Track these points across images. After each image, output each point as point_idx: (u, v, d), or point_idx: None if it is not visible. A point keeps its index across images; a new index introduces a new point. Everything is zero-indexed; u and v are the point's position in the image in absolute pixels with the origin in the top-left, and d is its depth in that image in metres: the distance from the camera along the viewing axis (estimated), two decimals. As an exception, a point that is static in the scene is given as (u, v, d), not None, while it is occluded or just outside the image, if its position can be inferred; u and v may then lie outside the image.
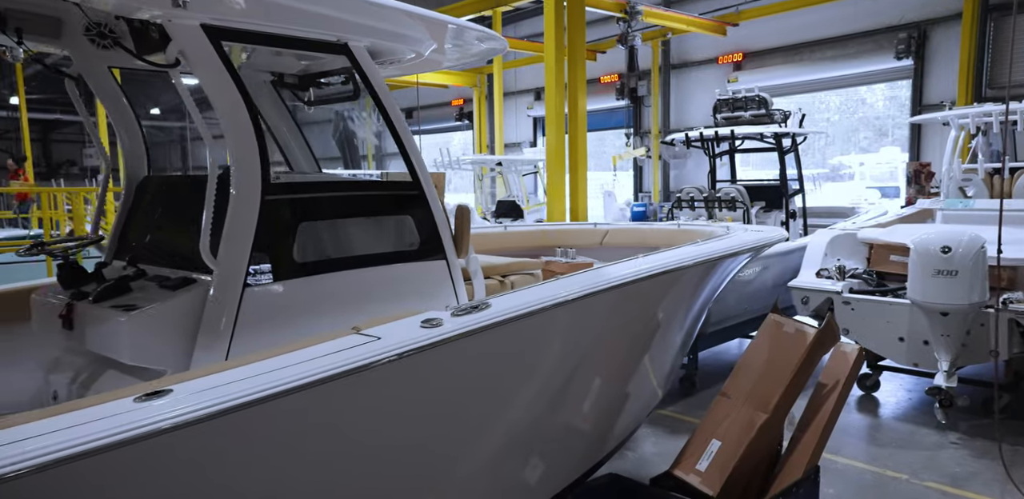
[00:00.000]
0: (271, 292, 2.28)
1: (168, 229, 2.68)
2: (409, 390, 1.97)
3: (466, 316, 2.04)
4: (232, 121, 2.22)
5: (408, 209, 2.72)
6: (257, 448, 1.65)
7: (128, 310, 2.13)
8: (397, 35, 2.66)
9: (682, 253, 2.96)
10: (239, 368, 1.64)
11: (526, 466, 2.70)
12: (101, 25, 2.53)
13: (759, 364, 3.27)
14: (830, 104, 16.81)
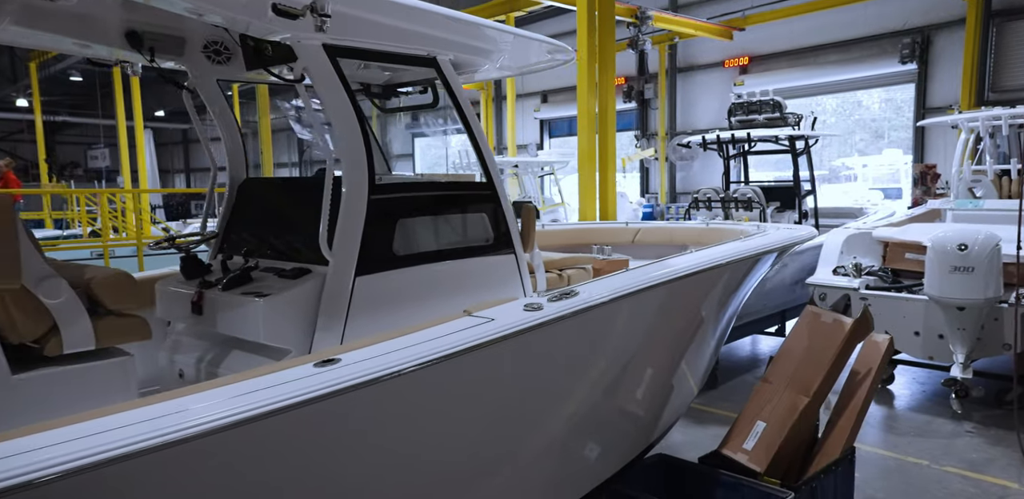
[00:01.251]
0: (376, 281, 2.52)
1: (276, 226, 2.92)
2: (511, 368, 2.22)
3: (560, 302, 2.28)
4: (345, 129, 2.46)
5: (484, 207, 2.96)
6: (408, 412, 1.89)
7: (260, 296, 2.37)
8: (477, 48, 2.91)
9: (734, 247, 3.20)
10: (386, 342, 1.88)
11: (591, 445, 2.94)
12: (217, 43, 2.79)
13: (799, 352, 3.52)
14: (827, 107, 17.09)
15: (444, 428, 2.08)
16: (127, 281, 2.12)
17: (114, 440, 1.30)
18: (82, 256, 9.39)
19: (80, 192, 12.13)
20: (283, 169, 33.19)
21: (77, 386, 1.91)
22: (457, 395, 2.06)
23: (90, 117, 31.90)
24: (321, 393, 1.59)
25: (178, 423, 1.38)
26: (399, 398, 1.85)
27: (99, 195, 11.41)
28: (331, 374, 1.69)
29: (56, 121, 32.00)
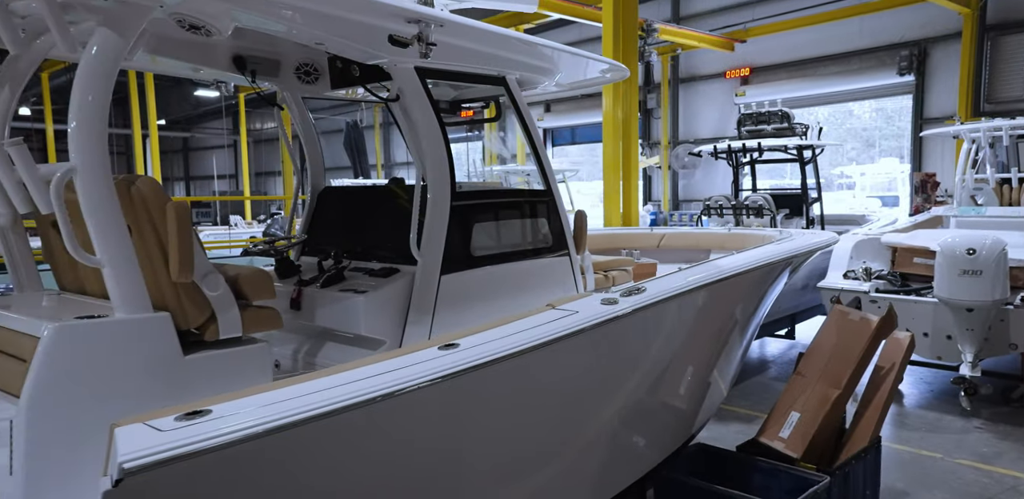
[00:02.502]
0: (457, 279, 2.77)
1: (360, 230, 3.17)
2: (589, 357, 2.47)
3: (633, 297, 2.54)
4: (431, 142, 2.72)
5: (543, 213, 3.23)
6: (509, 394, 2.14)
7: (358, 293, 2.62)
8: (540, 68, 3.18)
9: (777, 249, 3.48)
10: (492, 330, 2.13)
11: (643, 434, 3.19)
12: (308, 65, 3.07)
13: (828, 347, 3.78)
14: (819, 116, 17.51)
15: (533, 410, 2.33)
16: (266, 277, 2.36)
17: (317, 401, 1.58)
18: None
19: None
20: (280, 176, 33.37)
21: (229, 366, 2.15)
22: (548, 380, 2.31)
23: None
24: (451, 371, 1.83)
25: (361, 390, 1.64)
26: (504, 380, 2.10)
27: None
28: (456, 356, 1.94)
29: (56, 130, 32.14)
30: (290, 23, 2.25)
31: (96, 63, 1.96)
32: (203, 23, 2.13)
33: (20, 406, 1.81)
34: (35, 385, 1.81)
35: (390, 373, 1.78)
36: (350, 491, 1.80)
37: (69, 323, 1.90)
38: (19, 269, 2.50)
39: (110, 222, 1.96)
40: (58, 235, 2.43)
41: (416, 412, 1.86)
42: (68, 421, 1.84)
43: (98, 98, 1.97)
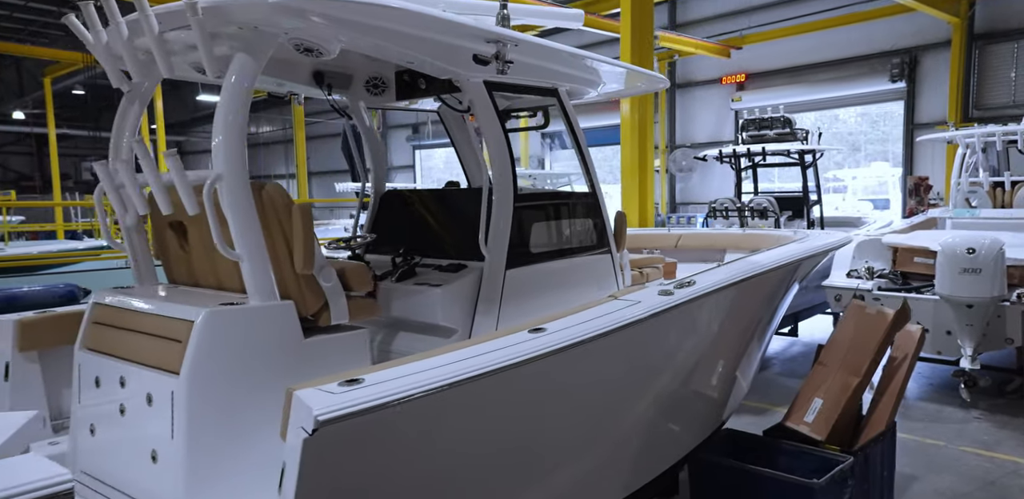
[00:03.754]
0: (519, 274, 3.02)
1: (424, 229, 3.42)
2: (650, 344, 2.74)
3: (686, 288, 2.81)
4: (497, 149, 2.98)
5: (589, 214, 3.49)
6: (585, 375, 2.40)
7: (434, 286, 2.87)
8: (589, 80, 3.45)
9: (804, 246, 3.76)
10: (571, 317, 2.39)
11: (683, 419, 3.46)
12: (377, 78, 3.32)
13: (847, 339, 4.07)
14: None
15: (603, 391, 2.59)
16: (366, 270, 2.61)
17: (450, 372, 1.85)
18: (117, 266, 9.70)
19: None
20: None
21: (337, 349, 2.40)
22: (617, 363, 2.57)
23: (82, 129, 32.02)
24: (546, 351, 2.10)
25: (482, 364, 1.90)
26: (583, 362, 2.36)
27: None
28: (545, 339, 2.20)
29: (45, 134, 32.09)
30: (389, 45, 2.51)
31: (236, 84, 2.21)
32: (316, 46, 2.38)
33: (180, 380, 2.06)
34: (192, 361, 2.06)
35: (499, 350, 2.04)
36: (465, 450, 2.07)
37: (217, 309, 2.15)
38: (140, 265, 2.74)
39: (248, 222, 2.21)
40: (174, 235, 2.68)
41: (514, 387, 2.11)
42: (218, 391, 2.11)
43: (238, 115, 2.22)
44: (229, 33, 2.29)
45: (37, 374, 2.71)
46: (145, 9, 2.22)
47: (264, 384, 2.16)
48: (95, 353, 2.47)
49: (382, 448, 1.79)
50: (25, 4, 16.68)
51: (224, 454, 2.11)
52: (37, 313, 2.82)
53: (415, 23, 2.36)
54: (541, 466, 2.44)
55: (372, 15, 2.26)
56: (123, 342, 2.37)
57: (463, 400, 1.95)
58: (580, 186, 3.40)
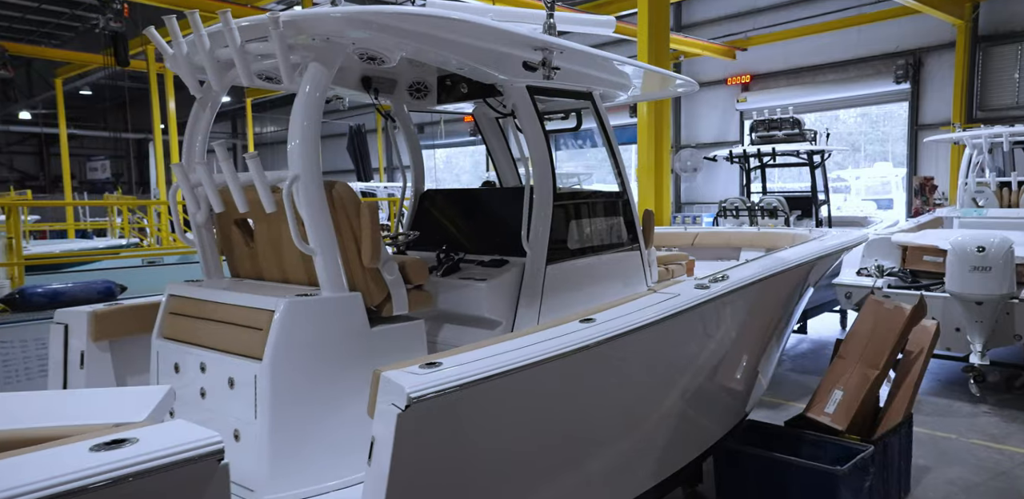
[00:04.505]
0: (558, 269, 3.17)
1: (467, 226, 3.57)
2: (688, 334, 2.89)
3: (720, 283, 2.96)
4: (538, 150, 3.13)
5: (620, 212, 3.64)
6: (630, 363, 2.55)
7: (480, 280, 3.01)
8: (621, 83, 3.60)
9: (824, 244, 3.92)
10: (616, 308, 2.54)
11: (712, 409, 3.61)
12: (420, 83, 3.47)
13: (866, 333, 4.22)
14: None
15: (644, 378, 2.74)
16: (424, 264, 2.76)
17: (518, 357, 2.00)
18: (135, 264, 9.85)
19: (149, 203, 12.65)
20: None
21: (400, 337, 2.55)
22: (658, 353, 2.72)
23: (88, 129, 32.15)
24: (602, 338, 2.25)
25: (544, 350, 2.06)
26: (629, 349, 2.51)
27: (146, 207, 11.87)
28: (596, 328, 2.35)
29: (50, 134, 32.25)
30: (447, 54, 2.66)
31: (310, 91, 2.37)
32: (379, 55, 2.53)
33: (263, 364, 2.22)
34: (273, 348, 2.22)
35: (556, 339, 2.19)
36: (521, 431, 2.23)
37: (295, 299, 2.30)
38: (208, 260, 2.90)
39: (322, 219, 2.37)
40: (239, 231, 2.83)
41: (569, 372, 2.27)
42: (296, 375, 2.27)
43: (313, 120, 2.37)
44: (303, 44, 2.44)
45: (108, 362, 2.87)
46: (229, 23, 2.37)
47: (335, 369, 2.32)
48: (173, 341, 2.62)
49: (458, 424, 1.94)
50: (38, 6, 16.82)
51: (302, 432, 2.26)
52: (107, 305, 2.96)
53: (474, 33, 2.51)
54: (582, 451, 2.59)
55: (435, 27, 2.42)
56: (202, 331, 2.52)
57: (524, 384, 2.10)
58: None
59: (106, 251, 10.52)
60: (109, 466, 1.26)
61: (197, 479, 1.39)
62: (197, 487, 1.40)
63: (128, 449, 1.33)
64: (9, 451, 1.32)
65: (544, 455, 2.39)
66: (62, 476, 1.21)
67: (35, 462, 1.28)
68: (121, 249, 10.39)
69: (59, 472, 1.22)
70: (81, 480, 1.22)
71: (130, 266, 9.26)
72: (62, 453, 1.32)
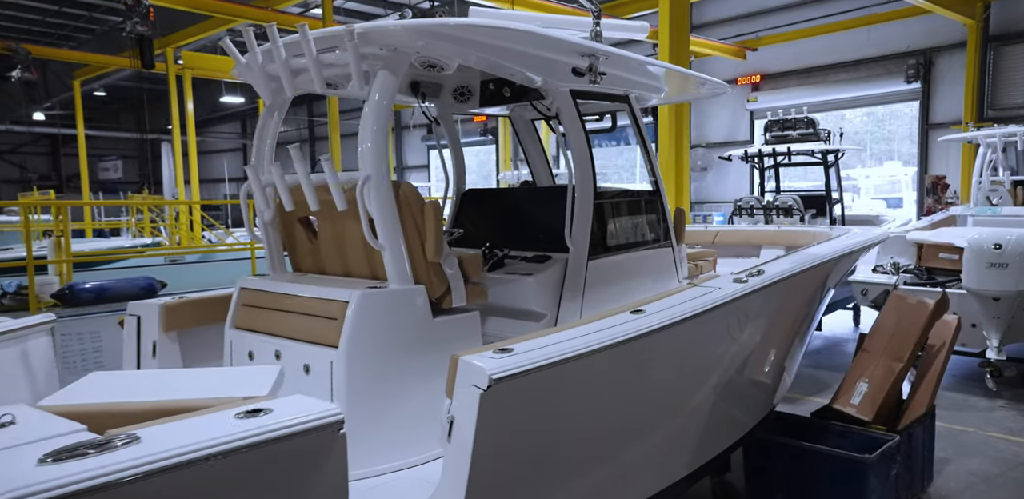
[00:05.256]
0: (599, 264, 3.31)
1: (508, 224, 3.72)
2: (726, 327, 3.02)
3: (756, 277, 3.10)
4: (579, 150, 3.27)
5: (654, 210, 3.78)
6: (681, 351, 2.69)
7: (526, 275, 3.16)
8: (655, 87, 3.74)
9: (850, 241, 4.05)
10: (663, 300, 2.68)
11: (744, 401, 3.74)
12: (464, 87, 3.62)
13: (889, 327, 4.35)
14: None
15: (688, 368, 2.88)
16: (480, 259, 2.91)
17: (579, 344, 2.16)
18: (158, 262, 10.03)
19: (171, 203, 12.85)
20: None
21: (458, 328, 2.71)
22: (702, 344, 2.86)
23: (100, 130, 32.43)
24: (657, 326, 2.40)
25: (604, 338, 2.22)
26: (677, 340, 2.65)
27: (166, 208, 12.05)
28: (648, 319, 2.49)
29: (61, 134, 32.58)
30: (502, 61, 2.82)
31: (379, 98, 2.53)
32: (439, 62, 2.69)
33: (339, 351, 2.38)
34: (348, 336, 2.38)
35: (612, 328, 2.34)
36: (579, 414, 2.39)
37: (367, 291, 2.46)
38: (274, 255, 3.06)
39: (390, 217, 2.52)
40: (303, 229, 2.99)
41: (623, 360, 2.41)
42: (368, 361, 2.44)
43: (382, 125, 2.53)
44: (376, 54, 2.60)
45: (177, 351, 3.03)
46: (306, 34, 2.52)
47: (402, 356, 2.49)
48: (246, 331, 2.78)
49: (527, 404, 2.10)
50: (59, 9, 17.05)
51: (374, 414, 2.43)
52: (176, 298, 3.13)
53: (531, 42, 2.66)
54: (628, 437, 2.73)
55: (496, 36, 2.57)
56: (276, 321, 2.68)
57: (585, 369, 2.25)
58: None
59: (143, 249, 10.69)
60: (253, 431, 1.43)
61: (322, 445, 1.55)
62: (322, 452, 1.55)
63: (266, 418, 1.50)
64: (166, 417, 1.49)
65: (596, 439, 2.53)
66: (219, 438, 1.38)
67: (193, 426, 1.45)
68: (147, 248, 10.57)
69: (216, 435, 1.39)
70: (234, 442, 1.39)
71: (153, 265, 9.43)
72: (213, 420, 1.49)
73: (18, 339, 2.50)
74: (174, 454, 1.30)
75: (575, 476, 2.45)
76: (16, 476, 1.17)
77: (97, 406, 1.70)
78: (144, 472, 1.24)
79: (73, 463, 1.24)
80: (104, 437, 1.35)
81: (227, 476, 1.38)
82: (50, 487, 1.15)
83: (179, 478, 1.29)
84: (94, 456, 1.26)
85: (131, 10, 9.63)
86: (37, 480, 1.16)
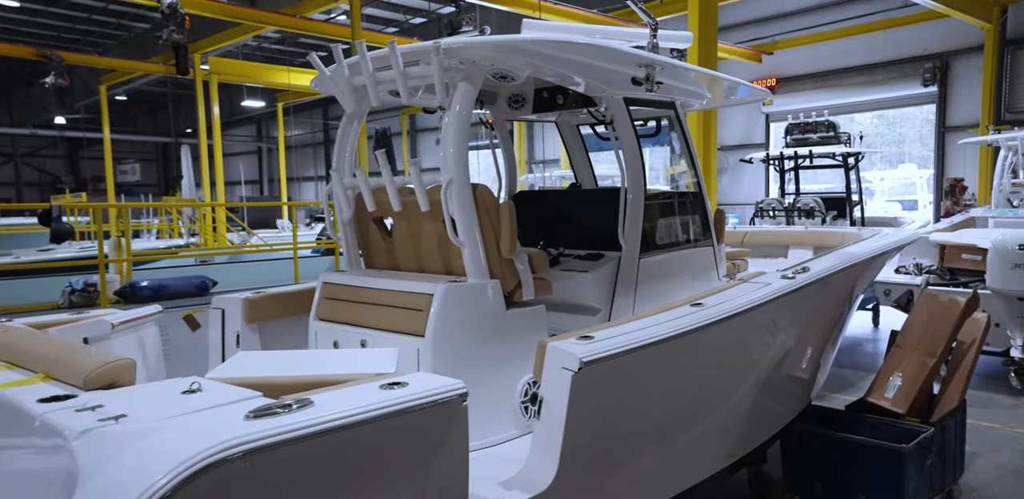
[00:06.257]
0: (649, 261, 3.50)
1: (561, 223, 3.91)
2: (776, 320, 3.20)
3: (803, 274, 3.28)
4: (632, 154, 3.46)
5: (697, 210, 3.97)
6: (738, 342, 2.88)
7: (582, 271, 3.36)
8: (699, 94, 3.93)
9: (885, 240, 4.23)
10: (717, 295, 2.87)
11: (784, 394, 3.91)
12: (518, 95, 3.83)
13: (922, 324, 4.51)
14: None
15: (742, 360, 3.07)
16: (546, 257, 3.11)
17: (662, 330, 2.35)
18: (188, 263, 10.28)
19: (206, 205, 13.15)
20: (310, 182, 34.17)
21: (528, 319, 2.91)
22: (754, 336, 3.05)
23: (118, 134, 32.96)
24: (722, 317, 2.59)
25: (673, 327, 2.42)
26: (734, 331, 2.84)
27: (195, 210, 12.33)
28: (708, 312, 2.68)
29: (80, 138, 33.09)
30: (569, 72, 3.02)
31: (460, 108, 2.74)
32: (511, 73, 2.89)
33: (425, 340, 2.59)
34: (434, 325, 2.59)
35: (677, 319, 2.54)
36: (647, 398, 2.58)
37: (450, 284, 2.67)
38: (351, 253, 3.27)
39: (469, 216, 2.72)
40: (377, 228, 3.19)
41: (683, 349, 2.61)
42: (451, 349, 2.66)
43: (463, 132, 2.74)
44: (456, 67, 2.81)
45: (257, 341, 3.24)
46: (395, 49, 2.73)
47: (479, 344, 2.71)
48: (331, 322, 2.99)
49: (606, 385, 2.30)
50: (88, 17, 17.43)
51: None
52: (256, 293, 3.34)
53: (598, 55, 2.86)
54: (681, 425, 2.91)
55: (569, 50, 2.78)
56: (360, 313, 2.89)
57: (654, 356, 2.44)
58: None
59: (193, 249, 10.93)
60: (398, 400, 1.67)
61: (451, 413, 1.78)
62: (449, 420, 1.79)
63: (405, 389, 1.73)
64: (318, 388, 1.72)
65: (658, 422, 2.72)
66: (375, 404, 1.63)
67: (348, 395, 1.69)
68: (180, 249, 10.84)
69: (370, 402, 1.62)
70: (387, 408, 1.64)
71: (183, 265, 9.68)
72: (362, 390, 1.73)
73: (134, 328, 2.73)
74: (344, 415, 1.55)
75: (638, 456, 2.64)
76: (234, 427, 1.43)
77: (256, 379, 1.92)
78: (327, 428, 1.50)
79: (273, 419, 1.49)
80: (286, 400, 1.58)
81: (379, 437, 1.63)
82: (265, 436, 1.41)
83: (349, 435, 1.55)
84: (286, 414, 1.52)
85: (168, 19, 9.92)
86: (252, 430, 1.42)
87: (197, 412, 1.53)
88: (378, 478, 1.64)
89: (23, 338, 2.15)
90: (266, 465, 1.40)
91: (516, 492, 2.08)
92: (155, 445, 1.35)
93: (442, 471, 1.78)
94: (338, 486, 1.56)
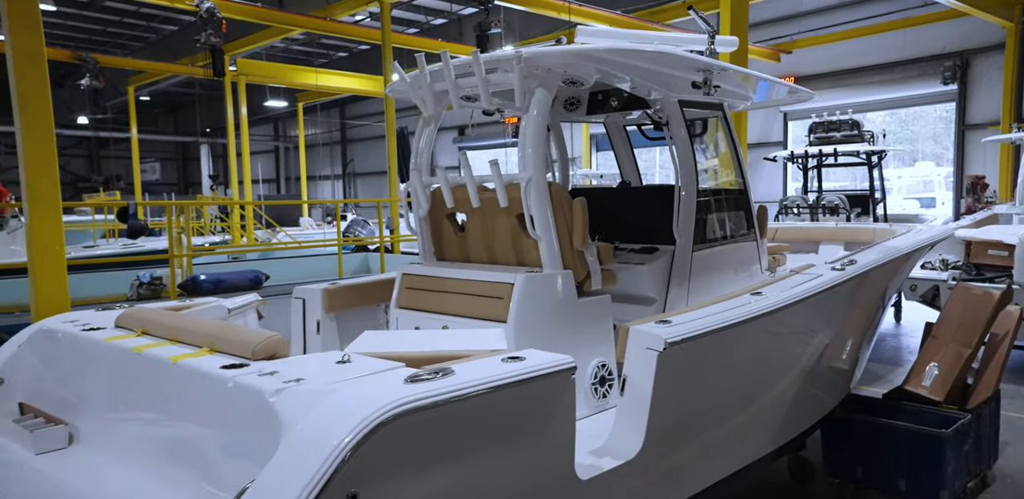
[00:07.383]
0: (701, 255, 3.70)
1: (615, 219, 4.11)
2: (826, 311, 3.39)
3: (850, 267, 3.47)
4: (685, 154, 3.66)
5: (742, 206, 4.16)
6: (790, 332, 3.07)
7: (639, 264, 3.57)
8: (745, 95, 4.12)
9: (922, 236, 4.41)
10: (772, 285, 3.07)
11: (828, 383, 4.10)
12: (574, 98, 4.04)
13: (957, 316, 4.68)
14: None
15: (795, 348, 3.26)
16: (611, 250, 3.33)
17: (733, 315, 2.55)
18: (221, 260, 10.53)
19: (241, 203, 13.48)
20: (326, 181, 34.52)
21: (596, 307, 3.12)
22: (805, 326, 3.24)
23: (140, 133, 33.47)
24: (785, 303, 2.79)
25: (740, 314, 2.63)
26: (788, 320, 3.04)
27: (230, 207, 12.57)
28: (768, 300, 2.88)
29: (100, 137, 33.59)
30: (635, 78, 3.23)
31: (538, 113, 2.95)
32: (580, 79, 3.10)
33: (508, 325, 2.81)
34: (515, 311, 2.81)
35: (740, 307, 2.75)
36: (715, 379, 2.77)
37: (529, 274, 2.89)
38: (426, 246, 3.50)
39: (546, 211, 2.94)
40: (450, 223, 3.42)
41: (748, 334, 2.81)
42: (530, 334, 2.88)
43: (540, 135, 2.96)
44: (534, 73, 3.02)
45: (335, 329, 3.48)
46: (478, 59, 2.95)
47: (554, 330, 2.94)
48: (411, 310, 3.21)
49: (683, 364, 2.50)
50: (120, 20, 17.77)
51: None
52: (332, 283, 3.57)
53: (665, 62, 3.06)
54: (740, 407, 3.11)
55: (639, 58, 2.98)
56: (441, 301, 3.11)
57: (725, 340, 2.65)
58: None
59: (249, 245, 11.17)
60: (520, 371, 1.93)
61: (560, 386, 2.02)
62: (559, 391, 2.03)
63: (524, 363, 1.99)
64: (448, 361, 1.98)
65: (720, 402, 2.92)
66: (504, 373, 1.89)
67: (479, 366, 1.95)
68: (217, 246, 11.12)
69: (497, 372, 1.89)
70: (513, 377, 1.90)
71: (217, 262, 9.93)
72: (488, 363, 1.99)
73: (241, 313, 2.97)
74: (485, 382, 1.81)
75: (703, 434, 2.84)
76: (400, 389, 1.70)
77: (394, 353, 2.16)
78: (471, 392, 1.77)
79: (427, 383, 1.76)
80: (431, 369, 1.81)
81: (508, 401, 1.88)
82: (425, 396, 1.68)
83: (486, 399, 1.80)
84: (436, 380, 1.78)
85: (206, 22, 10.20)
86: (414, 391, 1.68)
87: (362, 377, 1.79)
88: (507, 437, 1.88)
89: (172, 318, 2.39)
90: (423, 421, 1.65)
91: (607, 459, 2.30)
92: (341, 401, 1.61)
93: (555, 430, 2.02)
94: (477, 443, 1.80)
